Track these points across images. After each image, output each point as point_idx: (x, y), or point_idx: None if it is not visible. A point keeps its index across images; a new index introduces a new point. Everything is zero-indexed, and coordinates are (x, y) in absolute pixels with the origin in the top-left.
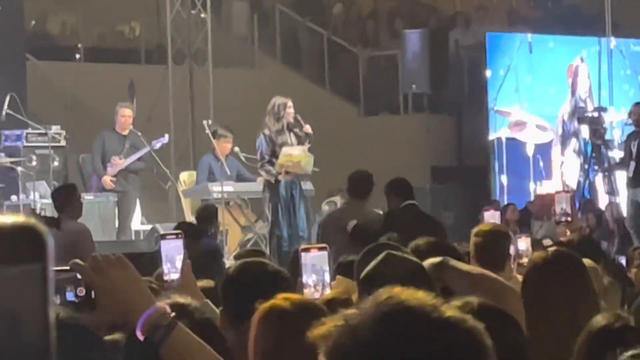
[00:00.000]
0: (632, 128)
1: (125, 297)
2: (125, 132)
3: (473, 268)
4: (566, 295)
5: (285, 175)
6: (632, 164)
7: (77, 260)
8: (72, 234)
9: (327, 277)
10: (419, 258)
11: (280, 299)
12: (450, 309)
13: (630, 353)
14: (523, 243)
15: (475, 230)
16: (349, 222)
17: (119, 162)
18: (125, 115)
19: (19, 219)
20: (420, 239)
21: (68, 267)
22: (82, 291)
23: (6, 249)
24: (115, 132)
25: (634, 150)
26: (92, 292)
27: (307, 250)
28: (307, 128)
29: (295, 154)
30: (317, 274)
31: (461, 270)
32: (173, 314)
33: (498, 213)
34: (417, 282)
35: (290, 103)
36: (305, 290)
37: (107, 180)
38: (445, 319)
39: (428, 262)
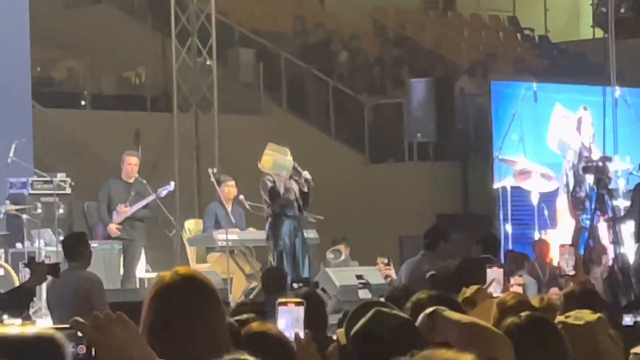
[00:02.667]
0: (637, 177)
1: (127, 355)
2: (131, 180)
3: (464, 317)
4: None
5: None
6: (637, 217)
7: (78, 318)
8: (85, 282)
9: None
10: (419, 312)
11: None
12: None
13: None
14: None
15: (497, 301)
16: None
17: (124, 210)
18: (132, 163)
19: (39, 330)
20: (422, 292)
21: (68, 325)
22: (82, 349)
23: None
24: (122, 180)
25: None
26: (93, 351)
27: (284, 304)
28: (306, 174)
29: (266, 152)
30: (292, 329)
31: (453, 319)
32: None
33: (501, 270)
34: (406, 338)
35: (288, 151)
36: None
37: (113, 228)
38: None
39: (422, 314)
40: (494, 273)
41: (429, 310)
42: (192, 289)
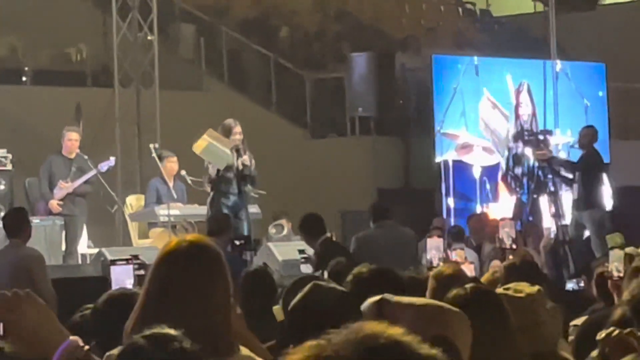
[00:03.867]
0: (578, 151)
1: (36, 332)
2: (72, 156)
3: (416, 299)
4: (484, 334)
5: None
6: (576, 187)
7: None
8: (25, 258)
9: None
10: (360, 286)
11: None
12: (433, 349)
13: None
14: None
15: (434, 273)
16: None
17: (66, 186)
18: (72, 138)
19: None
20: (363, 266)
21: None
22: None
23: None
24: (62, 155)
25: (579, 173)
26: (2, 328)
27: None
28: (244, 160)
29: (204, 136)
30: None
31: (403, 303)
32: (87, 347)
33: (441, 240)
34: (343, 312)
35: (235, 123)
36: None
37: (54, 204)
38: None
39: (367, 302)
40: (434, 242)
41: (375, 298)
42: (197, 257)
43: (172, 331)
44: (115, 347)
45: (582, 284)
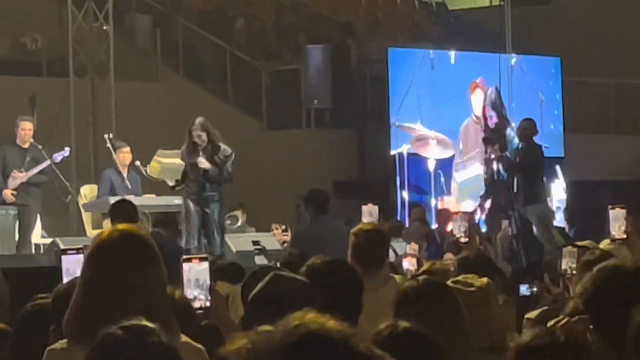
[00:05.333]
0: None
1: None
2: (26, 146)
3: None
4: (436, 326)
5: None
6: (517, 181)
7: None
8: None
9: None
10: (314, 277)
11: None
12: (363, 341)
13: None
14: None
15: (354, 230)
16: None
17: (20, 176)
18: (26, 128)
19: None
20: (317, 257)
21: None
22: None
23: None
24: (16, 145)
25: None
26: None
27: (188, 260)
28: (202, 164)
29: (155, 158)
30: (199, 285)
31: None
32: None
33: (376, 207)
34: (304, 300)
35: (196, 123)
36: (194, 300)
37: (8, 193)
38: (357, 351)
39: None
40: (369, 210)
41: None
42: (129, 245)
43: (149, 324)
44: (77, 333)
45: (535, 289)
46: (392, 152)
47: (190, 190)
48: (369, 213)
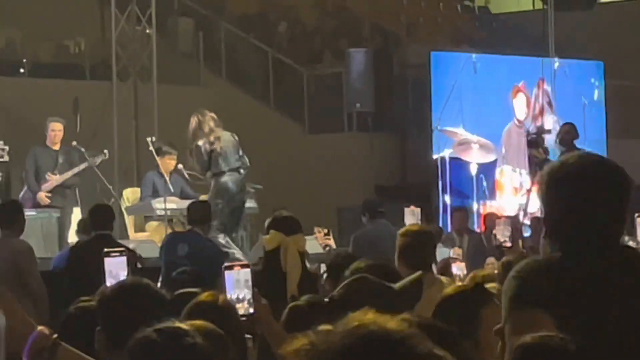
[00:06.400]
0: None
1: (4, 325)
2: (56, 147)
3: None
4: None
5: None
6: None
7: None
8: (14, 251)
9: (250, 294)
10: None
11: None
12: (423, 341)
13: None
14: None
15: (401, 231)
16: None
17: (54, 178)
18: (56, 129)
19: None
20: (361, 261)
21: None
22: None
23: None
24: (47, 147)
25: None
26: None
27: (230, 267)
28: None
29: None
30: (241, 290)
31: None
32: (55, 335)
33: (419, 210)
34: (384, 307)
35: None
36: (240, 305)
37: (43, 196)
38: (417, 351)
39: None
40: (411, 212)
41: None
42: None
43: (183, 325)
44: (122, 336)
45: None
46: (434, 157)
47: None
48: (412, 215)
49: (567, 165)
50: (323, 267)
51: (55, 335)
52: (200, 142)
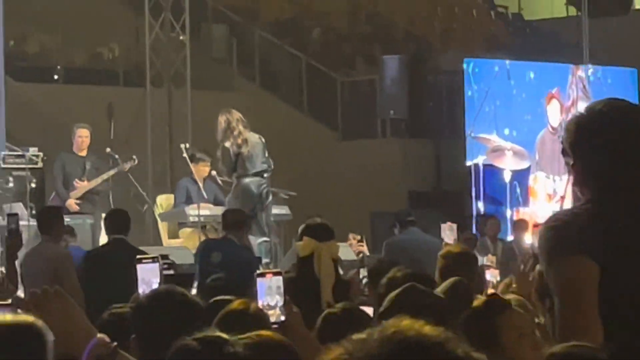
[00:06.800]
0: None
1: (64, 330)
2: (83, 153)
3: None
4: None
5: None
6: None
7: (18, 294)
8: (54, 256)
9: (281, 301)
10: (395, 289)
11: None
12: (460, 345)
13: None
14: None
15: (442, 252)
16: None
17: (82, 185)
18: (83, 135)
19: (19, 317)
20: (398, 269)
21: (9, 302)
22: None
23: (6, 349)
24: (73, 153)
25: None
26: None
27: (262, 275)
28: None
29: None
30: (273, 298)
31: None
32: (115, 343)
33: (455, 225)
34: (435, 317)
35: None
36: (272, 312)
37: (72, 203)
38: (455, 356)
39: None
40: (449, 228)
41: None
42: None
43: (224, 335)
44: (157, 344)
45: None
46: (468, 163)
47: None
48: (450, 231)
49: (596, 112)
50: (362, 273)
51: (115, 344)
52: (227, 144)
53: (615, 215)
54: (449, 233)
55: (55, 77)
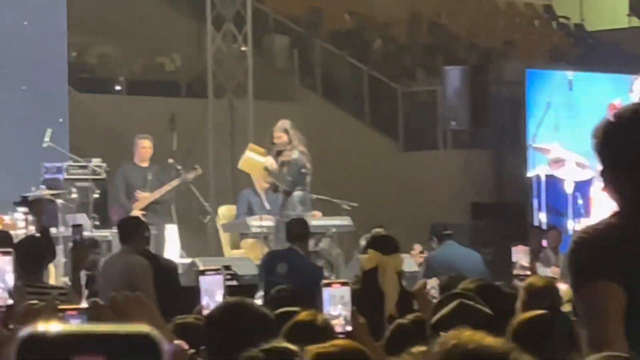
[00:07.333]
0: None
1: None
2: (145, 164)
3: None
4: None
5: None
6: None
7: (97, 300)
8: (132, 267)
9: (347, 312)
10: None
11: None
12: (522, 355)
13: None
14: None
15: (525, 284)
16: None
17: (145, 196)
18: (145, 146)
19: (133, 326)
20: (469, 281)
21: (88, 307)
22: None
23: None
24: (135, 164)
25: None
26: None
27: (329, 285)
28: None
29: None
30: (338, 308)
31: None
32: (192, 350)
33: (527, 248)
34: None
35: (278, 124)
36: (335, 322)
37: (138, 215)
38: None
39: None
40: (521, 251)
41: None
42: None
43: (291, 346)
44: (228, 355)
45: None
46: (529, 174)
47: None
48: (523, 254)
49: (623, 118)
50: (431, 283)
51: (193, 351)
52: (295, 156)
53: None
54: (523, 256)
55: (118, 88)
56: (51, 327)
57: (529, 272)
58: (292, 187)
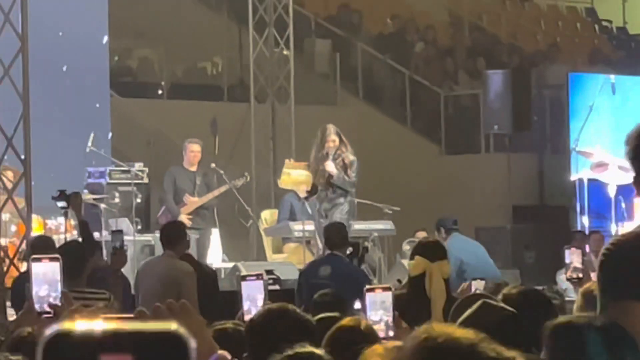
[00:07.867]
0: None
1: None
2: (194, 168)
3: None
4: None
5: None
6: None
7: (142, 308)
8: (176, 272)
9: (388, 317)
10: (510, 306)
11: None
12: (492, 345)
13: None
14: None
15: (583, 289)
16: None
17: (194, 201)
18: (195, 150)
19: (160, 325)
20: (513, 286)
21: (132, 315)
22: None
23: (150, 357)
24: (184, 168)
25: None
26: None
27: (371, 290)
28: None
29: (284, 170)
30: (379, 313)
31: None
32: (234, 359)
33: (580, 251)
34: (509, 332)
35: (330, 128)
36: (376, 327)
37: (186, 219)
38: (487, 356)
39: None
40: (574, 253)
41: None
42: None
43: (317, 350)
44: None
45: None
46: (572, 178)
47: (320, 197)
48: (576, 256)
49: None
50: (475, 286)
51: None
52: (352, 158)
53: None
54: (576, 258)
55: (160, 92)
56: (78, 325)
57: (581, 275)
58: (354, 188)
